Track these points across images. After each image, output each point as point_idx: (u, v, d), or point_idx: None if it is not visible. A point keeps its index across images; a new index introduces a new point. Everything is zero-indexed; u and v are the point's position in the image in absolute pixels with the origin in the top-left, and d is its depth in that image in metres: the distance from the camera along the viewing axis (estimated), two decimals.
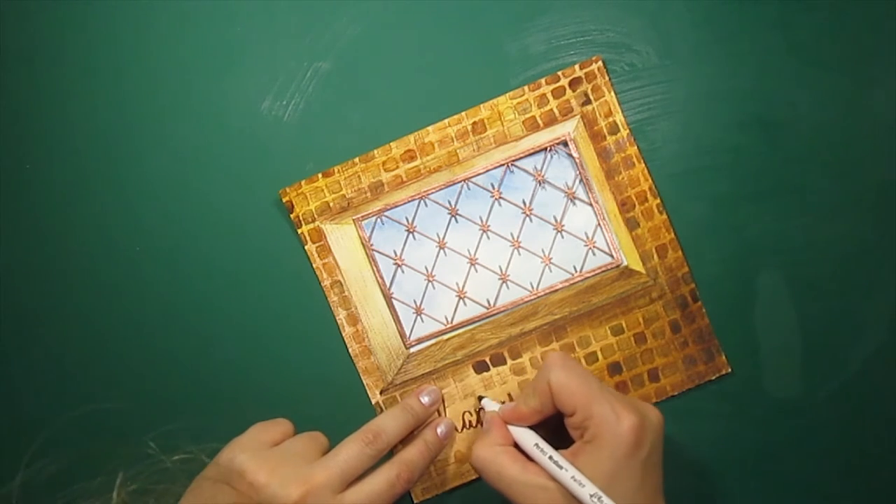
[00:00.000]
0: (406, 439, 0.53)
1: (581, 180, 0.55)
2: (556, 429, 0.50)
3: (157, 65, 0.57)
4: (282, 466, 0.48)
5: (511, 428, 0.51)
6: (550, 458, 0.48)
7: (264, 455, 0.49)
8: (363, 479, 0.49)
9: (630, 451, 0.46)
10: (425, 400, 0.54)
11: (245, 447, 0.49)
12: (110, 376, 0.56)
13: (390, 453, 0.52)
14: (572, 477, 0.46)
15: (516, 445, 0.50)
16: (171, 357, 0.56)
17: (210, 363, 0.56)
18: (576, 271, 0.56)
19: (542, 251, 0.56)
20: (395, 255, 0.56)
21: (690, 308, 0.55)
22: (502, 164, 0.56)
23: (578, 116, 0.55)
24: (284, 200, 0.56)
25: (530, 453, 0.49)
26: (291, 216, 0.56)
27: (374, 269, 0.56)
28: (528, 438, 0.50)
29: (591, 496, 0.45)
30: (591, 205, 0.55)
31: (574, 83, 0.55)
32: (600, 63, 0.55)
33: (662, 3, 0.55)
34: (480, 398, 0.55)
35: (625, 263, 0.55)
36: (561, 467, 0.47)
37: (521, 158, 0.56)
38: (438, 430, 0.54)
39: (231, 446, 0.50)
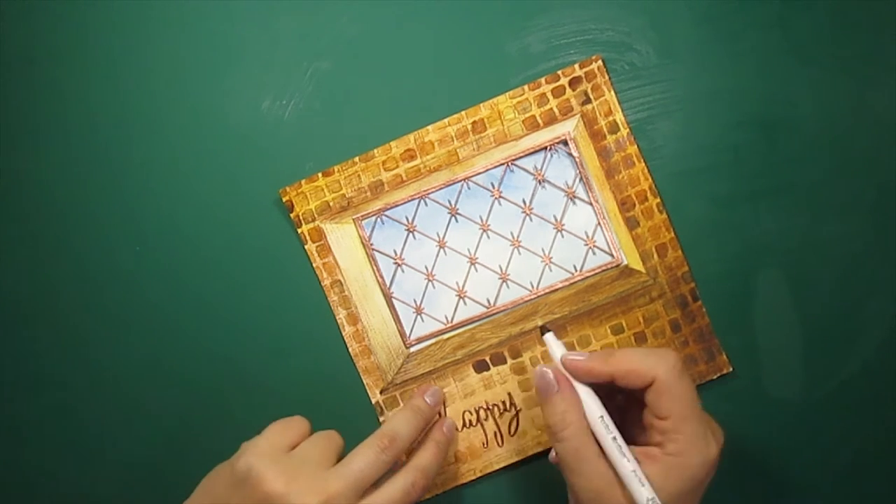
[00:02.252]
0: None
1: (581, 179, 0.55)
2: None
3: (158, 65, 0.57)
4: (298, 476, 0.47)
5: (578, 387, 0.47)
6: (614, 439, 0.45)
7: (282, 462, 0.48)
8: (379, 487, 0.49)
9: (707, 479, 0.45)
10: (430, 400, 0.54)
11: (263, 453, 0.49)
12: (108, 375, 0.56)
13: None
14: (633, 471, 0.44)
15: None
16: (169, 357, 0.56)
17: (209, 362, 0.56)
18: (576, 270, 0.56)
19: (542, 250, 0.56)
20: (395, 255, 0.56)
21: (690, 307, 0.55)
22: (502, 164, 0.56)
23: (578, 116, 0.55)
24: (284, 200, 0.56)
25: (591, 423, 0.46)
26: (291, 216, 0.56)
27: (374, 268, 0.56)
28: (595, 409, 0.47)
29: (649, 500, 0.43)
30: (591, 204, 0.55)
31: (574, 82, 0.55)
32: (600, 62, 0.55)
33: (662, 3, 0.55)
34: (543, 330, 0.50)
35: (625, 263, 0.55)
36: (624, 455, 0.45)
37: (520, 158, 0.56)
38: (443, 427, 0.54)
39: (249, 451, 0.49)
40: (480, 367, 0.55)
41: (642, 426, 0.47)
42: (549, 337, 0.49)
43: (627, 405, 0.49)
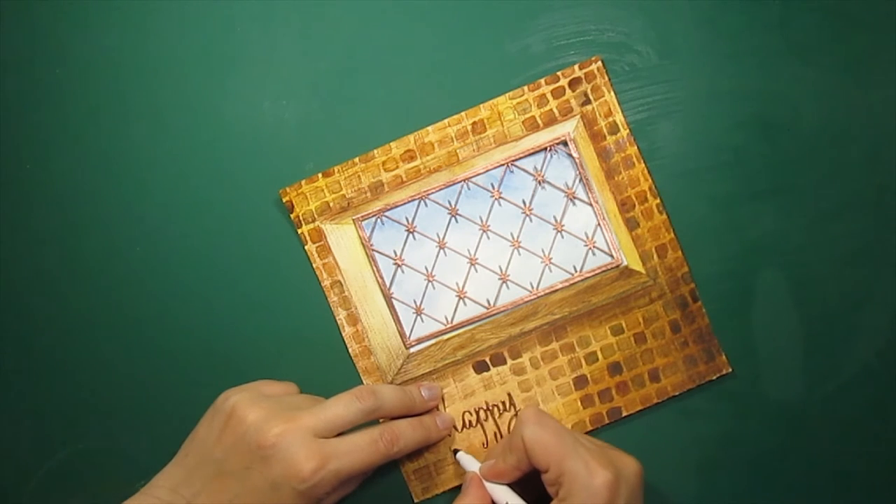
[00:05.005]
0: None
1: (581, 180, 0.55)
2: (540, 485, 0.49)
3: (158, 65, 0.57)
4: (272, 410, 0.49)
5: (488, 485, 0.51)
6: None
7: (258, 398, 0.50)
8: (348, 433, 0.50)
9: (612, 501, 0.46)
10: (425, 393, 0.54)
11: (241, 390, 0.51)
12: (107, 376, 0.56)
13: None
14: None
15: None
16: (169, 356, 0.56)
17: (209, 362, 0.56)
18: (576, 271, 0.56)
19: (542, 251, 0.56)
20: (395, 255, 0.56)
21: (690, 308, 0.55)
22: (502, 164, 0.56)
23: (578, 116, 0.55)
24: (284, 200, 0.56)
25: None
26: (291, 216, 0.56)
27: (374, 269, 0.56)
28: (502, 497, 0.50)
29: None
30: (591, 205, 0.55)
31: (574, 83, 0.55)
32: (600, 63, 0.55)
33: (662, 3, 0.55)
34: (455, 451, 0.54)
35: (625, 263, 0.55)
36: None
37: (520, 158, 0.56)
38: (437, 418, 0.54)
39: (228, 390, 0.51)
40: (480, 367, 0.55)
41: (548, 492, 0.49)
42: (461, 455, 0.53)
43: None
